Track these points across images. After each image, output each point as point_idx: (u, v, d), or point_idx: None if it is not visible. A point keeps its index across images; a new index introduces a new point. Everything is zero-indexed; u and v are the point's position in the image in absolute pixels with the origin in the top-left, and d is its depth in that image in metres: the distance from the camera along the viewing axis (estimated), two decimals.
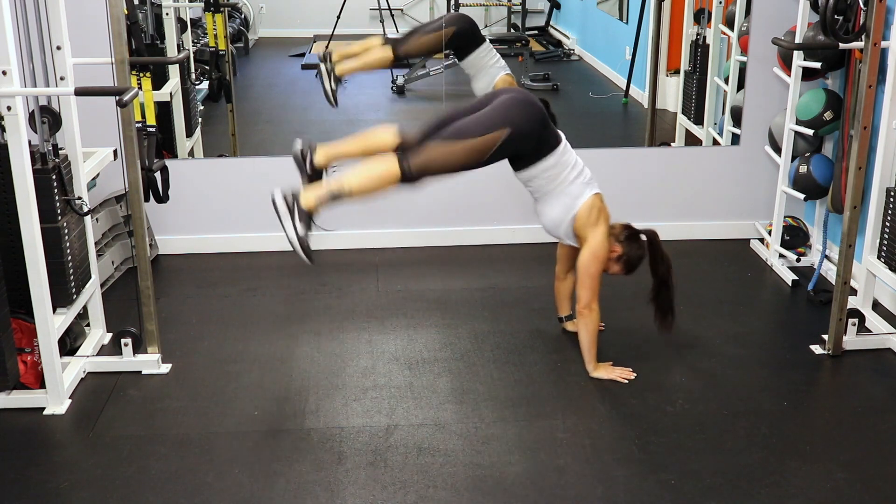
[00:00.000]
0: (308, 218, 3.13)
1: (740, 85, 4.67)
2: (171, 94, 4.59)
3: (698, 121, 5.02)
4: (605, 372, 3.38)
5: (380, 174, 3.14)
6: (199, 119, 4.96)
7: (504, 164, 4.74)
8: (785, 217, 4.48)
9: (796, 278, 4.25)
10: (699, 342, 3.70)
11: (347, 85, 4.28)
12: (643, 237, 3.44)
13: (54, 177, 3.12)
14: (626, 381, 3.34)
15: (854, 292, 3.81)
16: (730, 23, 4.76)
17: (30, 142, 3.02)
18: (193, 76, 4.89)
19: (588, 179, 3.41)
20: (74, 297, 3.31)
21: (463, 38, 4.81)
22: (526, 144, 3.27)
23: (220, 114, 5.04)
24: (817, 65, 4.05)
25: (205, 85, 5.03)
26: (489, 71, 4.79)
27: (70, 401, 3.23)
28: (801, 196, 4.27)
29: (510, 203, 4.58)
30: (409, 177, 3.13)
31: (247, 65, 5.93)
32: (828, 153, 4.36)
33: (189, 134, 4.75)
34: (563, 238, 3.48)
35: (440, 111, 3.37)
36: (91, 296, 3.55)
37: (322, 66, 4.50)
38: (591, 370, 3.39)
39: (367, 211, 4.65)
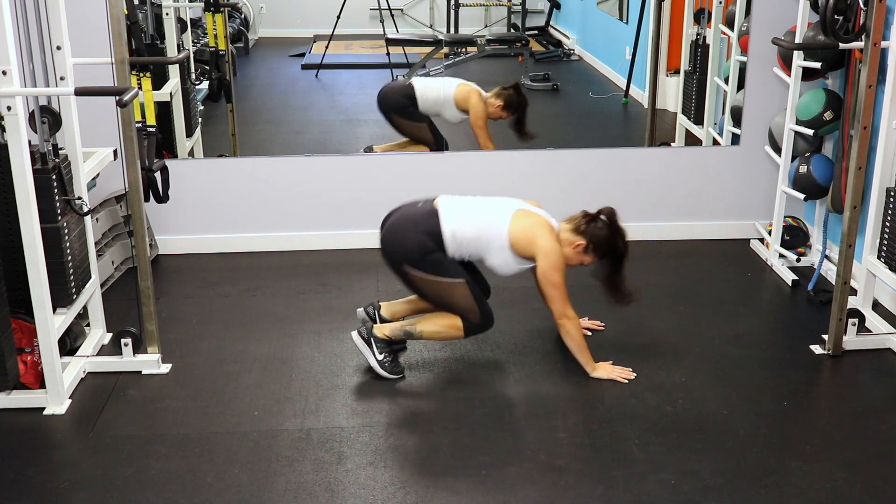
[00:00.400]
0: (385, 343, 3.40)
1: (740, 85, 4.67)
2: (171, 94, 4.59)
3: (698, 121, 5.02)
4: (605, 372, 3.38)
5: (449, 330, 3.37)
6: (199, 119, 4.96)
7: (502, 161, 4.74)
8: (785, 217, 4.48)
9: (796, 278, 4.25)
10: (699, 342, 3.70)
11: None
12: (602, 217, 3.37)
13: (54, 177, 3.12)
14: (626, 381, 3.34)
15: (854, 292, 3.81)
16: (730, 23, 4.76)
17: (30, 142, 3.02)
18: (193, 76, 4.90)
19: (493, 208, 3.34)
20: (74, 297, 3.31)
21: (393, 108, 4.86)
22: (424, 246, 3.27)
23: (220, 114, 5.05)
24: (817, 65, 4.05)
25: (205, 85, 5.04)
26: (443, 102, 4.81)
27: (70, 401, 3.23)
28: (801, 196, 4.27)
29: None
30: (472, 330, 3.37)
31: (247, 65, 5.94)
32: (828, 153, 4.36)
33: (189, 134, 4.75)
34: (526, 266, 3.39)
35: None
36: (91, 296, 3.55)
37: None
38: (590, 371, 3.39)
39: (366, 211, 4.65)
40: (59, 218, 3.16)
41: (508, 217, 3.31)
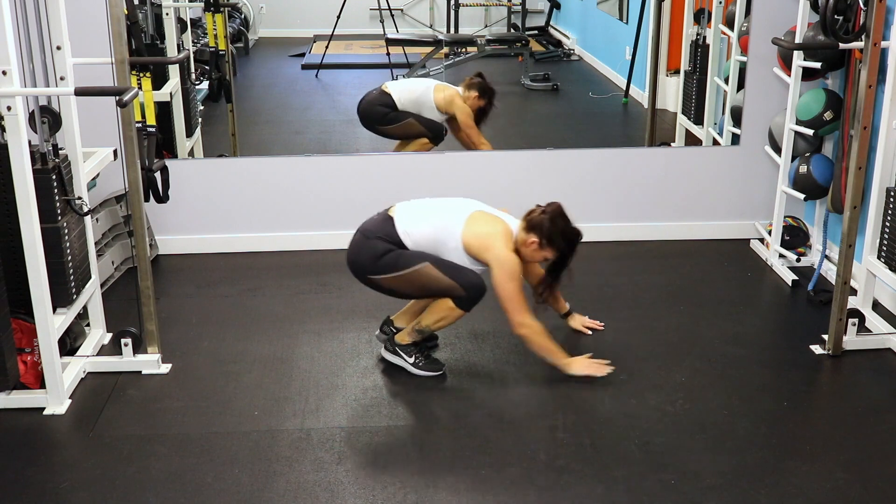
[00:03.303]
0: (411, 346, 3.44)
1: (740, 85, 4.67)
2: (171, 94, 4.59)
3: (698, 121, 5.02)
4: (582, 366, 3.34)
5: (448, 313, 3.33)
6: (199, 119, 4.96)
7: (502, 161, 4.74)
8: (785, 217, 4.48)
9: (796, 278, 4.25)
10: (699, 342, 3.70)
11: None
12: (547, 212, 3.28)
13: (54, 177, 3.12)
14: (604, 375, 3.32)
15: (854, 292, 3.81)
16: (730, 23, 4.76)
17: (30, 142, 3.02)
18: (193, 76, 4.89)
19: (449, 209, 3.31)
20: (74, 297, 3.31)
21: (376, 120, 4.87)
22: (376, 250, 3.31)
23: (220, 114, 5.05)
24: (817, 65, 4.05)
25: (205, 85, 5.03)
26: (422, 104, 4.82)
27: (70, 401, 3.23)
28: (801, 196, 4.27)
29: (509, 203, 4.58)
30: (465, 303, 3.29)
31: (247, 65, 5.94)
32: (828, 153, 4.36)
33: (189, 134, 4.75)
34: (483, 268, 3.33)
35: None
36: (91, 296, 3.55)
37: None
38: (565, 369, 3.34)
39: (366, 211, 4.65)
40: (59, 218, 3.16)
41: (463, 220, 3.29)
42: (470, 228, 3.28)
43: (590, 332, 3.73)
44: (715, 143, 4.91)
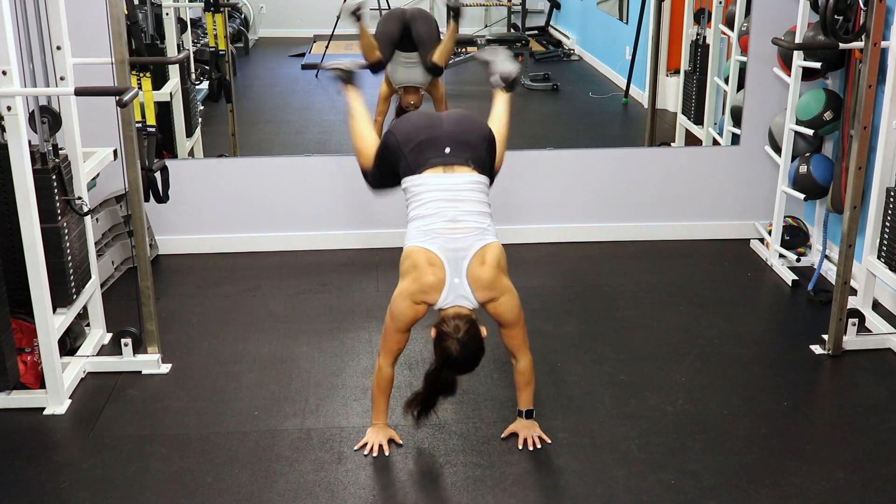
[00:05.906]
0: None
1: (740, 85, 4.67)
2: (171, 94, 4.59)
3: (698, 121, 5.02)
4: (370, 434, 2.97)
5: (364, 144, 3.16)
6: (199, 119, 4.96)
7: (506, 163, 4.71)
8: (785, 217, 4.48)
9: (796, 278, 4.25)
10: (699, 342, 3.69)
11: None
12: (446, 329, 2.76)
13: (54, 177, 3.12)
14: (371, 453, 2.92)
15: (854, 292, 3.81)
16: (730, 23, 4.76)
17: (30, 142, 3.02)
18: (193, 76, 4.90)
19: (427, 229, 2.81)
20: (74, 297, 3.31)
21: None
22: (391, 158, 2.98)
23: (220, 114, 5.05)
24: (817, 65, 4.05)
25: (205, 85, 5.04)
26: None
27: (70, 401, 3.23)
28: (801, 196, 4.27)
29: (509, 203, 4.58)
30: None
31: (247, 65, 5.94)
32: (828, 153, 4.36)
33: (189, 134, 4.75)
34: None
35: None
36: (91, 296, 3.55)
37: None
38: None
39: (366, 211, 4.66)
40: (59, 218, 3.16)
41: (414, 243, 2.83)
42: (410, 251, 2.82)
43: (520, 447, 2.96)
44: (715, 143, 4.91)
